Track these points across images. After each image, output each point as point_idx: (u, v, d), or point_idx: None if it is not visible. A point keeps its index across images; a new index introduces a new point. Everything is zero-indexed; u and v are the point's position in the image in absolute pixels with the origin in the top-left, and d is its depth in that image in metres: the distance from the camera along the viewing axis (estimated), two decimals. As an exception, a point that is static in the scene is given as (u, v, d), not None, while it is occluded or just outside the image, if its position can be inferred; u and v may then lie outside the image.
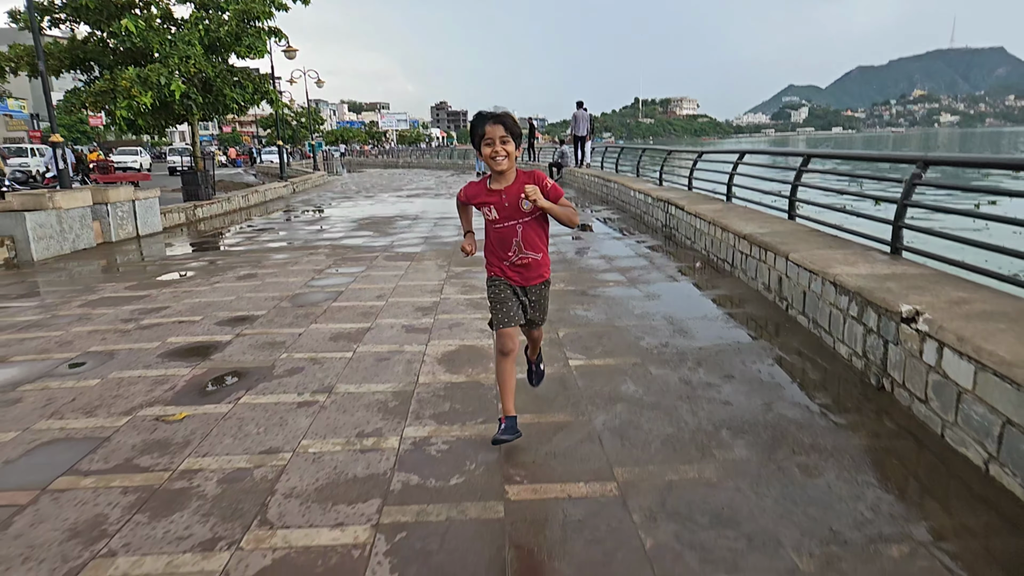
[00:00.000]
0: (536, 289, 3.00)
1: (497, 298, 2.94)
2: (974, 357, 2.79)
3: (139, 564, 2.19)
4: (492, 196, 2.84)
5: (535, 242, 2.91)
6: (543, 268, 2.99)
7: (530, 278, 2.95)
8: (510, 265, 2.91)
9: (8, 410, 3.54)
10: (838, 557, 2.19)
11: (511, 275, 2.93)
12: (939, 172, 15.91)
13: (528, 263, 2.91)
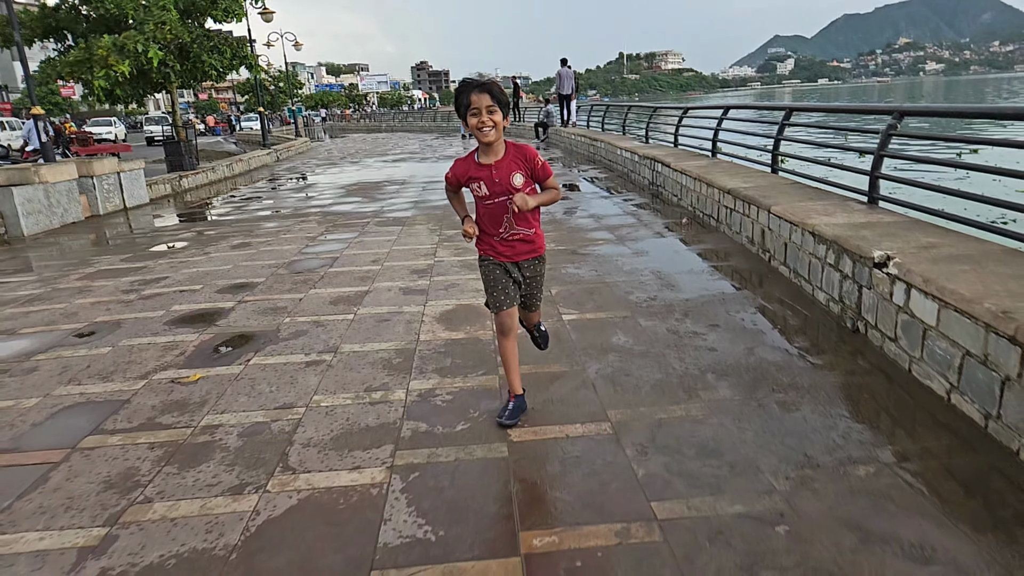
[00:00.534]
0: (529, 265, 2.89)
1: (488, 280, 2.88)
2: (938, 296, 3.00)
3: (175, 508, 2.39)
4: (482, 171, 2.72)
5: (526, 216, 2.80)
6: (536, 243, 2.88)
7: (521, 252, 2.85)
8: (500, 240, 2.82)
9: (26, 378, 3.70)
10: (811, 478, 2.42)
11: (502, 250, 2.83)
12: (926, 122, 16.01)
13: (520, 238, 2.82)
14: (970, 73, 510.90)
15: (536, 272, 2.94)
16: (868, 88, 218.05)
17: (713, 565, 1.98)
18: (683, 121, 10.81)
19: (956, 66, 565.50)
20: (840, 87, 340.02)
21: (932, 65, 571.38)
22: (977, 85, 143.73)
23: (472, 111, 2.60)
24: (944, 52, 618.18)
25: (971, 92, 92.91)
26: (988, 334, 2.65)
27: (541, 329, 3.36)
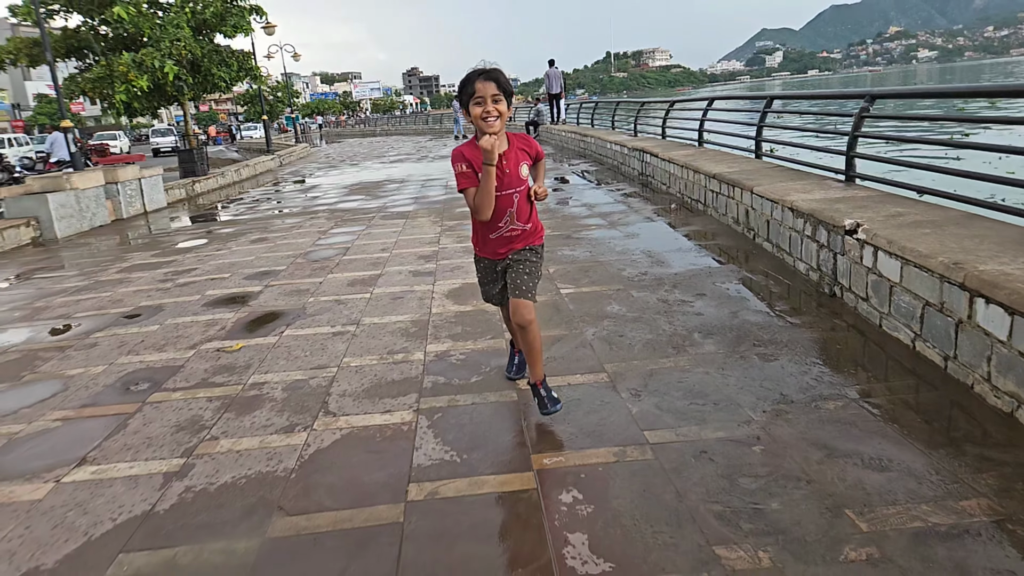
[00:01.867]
0: (521, 252, 2.77)
1: (480, 279, 2.98)
2: (900, 255, 3.40)
3: (238, 443, 2.79)
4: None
5: (526, 210, 2.72)
6: (532, 237, 2.79)
7: (517, 247, 2.77)
8: (497, 236, 2.71)
9: (90, 351, 4.12)
10: (785, 411, 2.81)
11: (497, 247, 2.76)
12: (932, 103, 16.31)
13: (517, 235, 2.73)
14: (964, 59, 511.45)
15: (523, 257, 2.76)
16: (860, 78, 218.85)
17: (697, 475, 2.37)
18: (670, 114, 11.22)
19: (950, 53, 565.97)
20: (831, 77, 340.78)
21: (925, 53, 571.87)
22: (973, 70, 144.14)
23: (476, 99, 2.46)
24: (937, 39, 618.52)
25: (967, 76, 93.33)
26: (943, 284, 3.04)
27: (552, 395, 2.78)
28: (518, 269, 2.75)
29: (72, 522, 2.32)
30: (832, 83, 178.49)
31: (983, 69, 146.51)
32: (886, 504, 2.10)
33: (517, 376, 3.15)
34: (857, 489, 2.20)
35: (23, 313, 5.26)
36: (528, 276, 2.74)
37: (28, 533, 2.27)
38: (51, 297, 5.68)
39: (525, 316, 2.68)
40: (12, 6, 13.01)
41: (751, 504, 2.16)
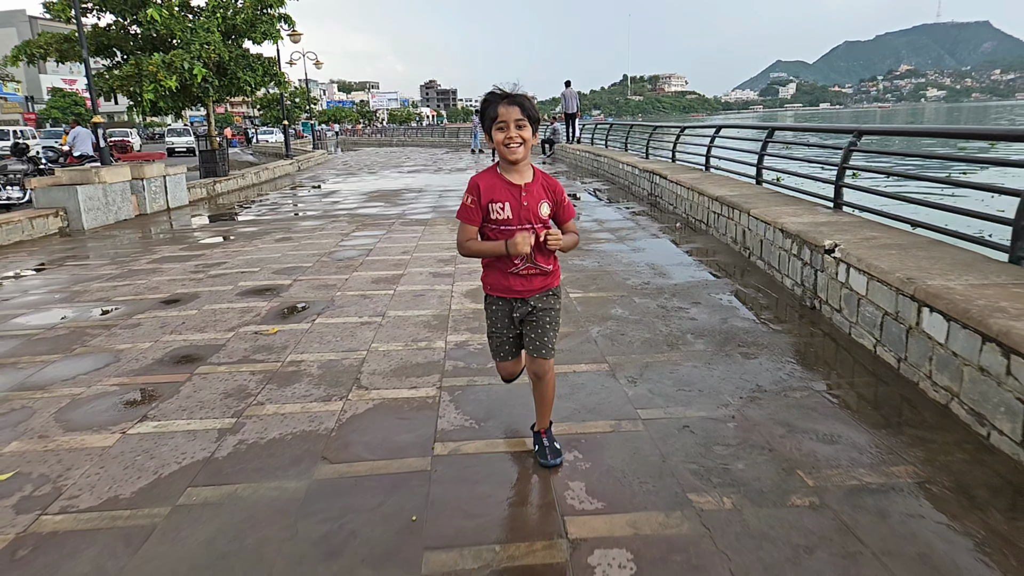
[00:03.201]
0: (540, 298, 2.55)
1: (491, 327, 2.66)
2: (867, 271, 3.83)
3: (282, 408, 3.21)
4: (510, 191, 2.41)
5: (546, 253, 2.52)
6: (551, 278, 2.58)
7: (535, 287, 2.54)
8: (515, 274, 2.51)
9: (135, 330, 4.55)
10: (758, 397, 3.23)
11: (514, 285, 2.52)
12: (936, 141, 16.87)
13: (537, 272, 2.52)
14: (971, 100, 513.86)
15: (547, 304, 2.56)
16: (870, 113, 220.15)
17: (679, 443, 2.79)
18: (680, 139, 11.70)
19: (957, 93, 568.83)
20: (842, 111, 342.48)
21: (933, 92, 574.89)
22: (979, 111, 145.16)
23: (499, 125, 2.33)
24: (946, 79, 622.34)
25: (973, 117, 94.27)
26: (898, 296, 3.48)
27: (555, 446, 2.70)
28: (542, 323, 2.54)
29: (142, 464, 2.74)
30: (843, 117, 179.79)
31: (988, 110, 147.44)
32: (831, 467, 2.52)
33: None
34: (809, 456, 2.61)
35: (63, 296, 5.70)
36: (551, 333, 2.55)
37: (103, 471, 2.70)
38: (87, 283, 6.13)
39: (544, 370, 2.57)
40: (47, 2, 13.60)
41: (721, 465, 2.57)
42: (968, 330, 2.88)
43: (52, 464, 2.73)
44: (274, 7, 15.32)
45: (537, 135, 2.43)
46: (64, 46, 13.43)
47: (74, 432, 3.03)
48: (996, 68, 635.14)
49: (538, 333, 2.54)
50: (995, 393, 2.69)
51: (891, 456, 2.61)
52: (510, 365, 2.73)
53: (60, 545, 2.19)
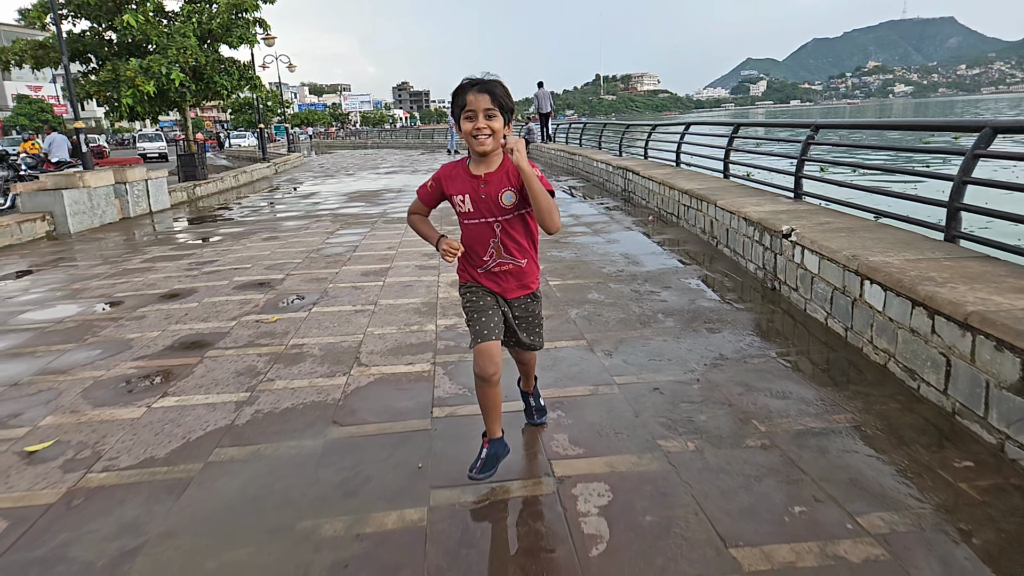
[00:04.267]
0: (520, 303, 2.47)
1: (474, 306, 2.41)
2: (818, 251, 4.23)
3: (291, 383, 3.52)
4: (470, 182, 2.29)
5: (518, 244, 2.36)
6: (527, 278, 2.43)
7: (509, 288, 2.41)
8: (485, 272, 2.39)
9: (141, 321, 4.81)
10: (720, 364, 3.60)
11: (486, 283, 2.41)
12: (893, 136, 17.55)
13: (508, 270, 2.38)
14: (938, 95, 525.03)
15: (528, 311, 2.49)
16: (839, 109, 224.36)
17: (650, 401, 3.15)
18: (652, 137, 12.14)
19: (925, 88, 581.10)
20: (812, 108, 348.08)
21: (901, 87, 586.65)
22: (946, 106, 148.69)
23: (467, 114, 2.18)
24: (913, 75, 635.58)
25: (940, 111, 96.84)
26: (845, 272, 3.88)
27: (541, 403, 2.92)
28: (527, 327, 2.54)
29: (170, 431, 3.04)
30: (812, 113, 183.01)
31: (955, 105, 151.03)
32: (781, 417, 2.90)
33: (480, 476, 2.39)
34: (763, 409, 2.99)
35: (64, 293, 5.92)
36: (537, 331, 2.58)
37: (136, 437, 2.99)
38: (86, 281, 6.35)
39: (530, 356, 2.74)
40: (23, 10, 13.66)
41: (686, 417, 2.94)
42: (901, 297, 3.28)
43: (88, 433, 3.01)
44: (249, 11, 15.49)
45: (510, 127, 2.25)
46: (39, 52, 13.51)
47: (102, 407, 3.31)
48: (961, 63, 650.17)
49: (525, 334, 2.54)
50: (923, 350, 3.09)
51: (833, 407, 2.99)
52: (493, 346, 2.33)
53: (109, 496, 2.48)
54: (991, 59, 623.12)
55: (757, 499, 2.31)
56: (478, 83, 2.19)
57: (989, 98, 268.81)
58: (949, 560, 1.98)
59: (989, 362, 2.64)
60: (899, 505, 2.25)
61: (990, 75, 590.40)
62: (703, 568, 1.97)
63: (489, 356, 2.33)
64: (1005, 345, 2.55)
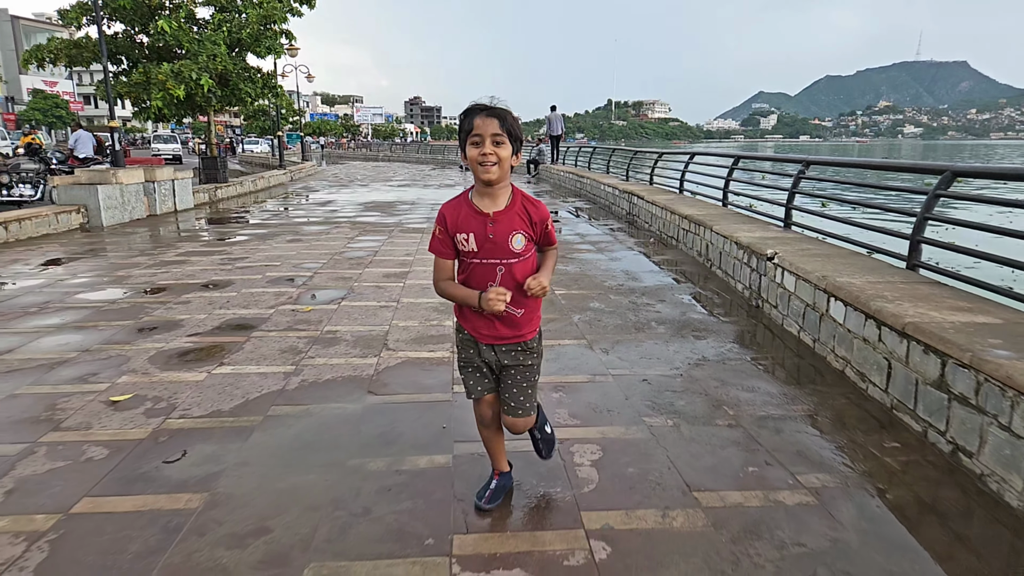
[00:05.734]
0: (508, 351, 2.26)
1: (461, 360, 2.37)
2: (796, 272, 4.79)
3: (329, 360, 4.06)
4: (475, 220, 2.14)
5: (519, 291, 2.18)
6: (524, 328, 2.26)
7: (501, 335, 2.24)
8: (476, 314, 2.23)
9: (187, 306, 5.37)
10: (702, 363, 4.14)
11: (479, 326, 2.25)
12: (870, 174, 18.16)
13: (504, 317, 2.21)
14: (947, 138, 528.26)
15: (517, 361, 2.27)
16: (848, 147, 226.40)
17: (639, 389, 3.68)
18: (658, 163, 12.75)
19: (934, 130, 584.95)
20: (821, 144, 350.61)
21: (911, 128, 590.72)
22: (953, 149, 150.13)
23: (474, 139, 2.08)
24: (923, 116, 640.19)
25: (946, 155, 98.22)
26: (816, 290, 4.43)
27: (547, 431, 2.61)
28: (513, 383, 2.29)
29: (231, 392, 3.58)
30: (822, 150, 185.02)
31: (963, 148, 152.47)
32: (748, 405, 3.44)
33: (488, 506, 2.44)
34: (733, 399, 3.53)
35: (110, 279, 6.48)
36: (525, 390, 2.30)
37: (202, 396, 3.53)
38: (127, 269, 6.92)
39: (522, 429, 2.38)
40: (61, 10, 14.38)
41: (668, 402, 3.48)
42: (858, 311, 3.82)
43: (160, 390, 3.56)
44: (278, 23, 16.24)
45: (520, 156, 2.15)
46: (73, 52, 14.19)
47: (169, 371, 3.86)
48: (972, 108, 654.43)
49: (510, 392, 2.29)
50: (872, 356, 3.63)
51: (793, 401, 3.53)
52: (486, 405, 2.37)
53: (188, 436, 3.02)
54: (1001, 105, 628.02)
55: (719, 461, 2.84)
56: (487, 108, 2.09)
57: (998, 143, 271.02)
58: (863, 507, 2.51)
59: (918, 363, 3.19)
60: (832, 470, 2.78)
61: (999, 121, 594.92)
62: (670, 502, 2.50)
63: (482, 409, 2.38)
64: (931, 349, 3.10)
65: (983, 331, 3.14)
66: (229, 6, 15.37)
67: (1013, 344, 2.94)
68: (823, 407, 3.46)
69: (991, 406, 2.71)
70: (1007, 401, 2.62)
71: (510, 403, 2.30)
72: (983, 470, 2.74)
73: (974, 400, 2.82)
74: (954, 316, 3.39)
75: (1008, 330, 3.16)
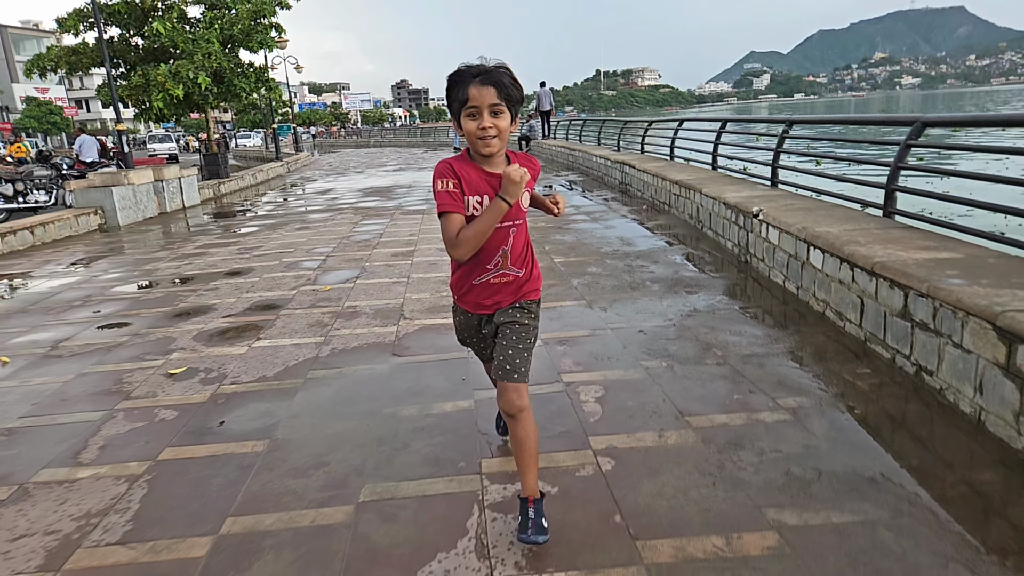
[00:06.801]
0: (507, 310, 2.18)
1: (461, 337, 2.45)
2: (779, 226, 5.15)
3: (354, 330, 4.46)
4: (488, 182, 2.02)
5: (524, 252, 2.17)
6: (525, 286, 2.19)
7: (504, 300, 2.17)
8: (483, 283, 2.14)
9: (216, 291, 5.77)
10: (692, 314, 4.53)
11: (482, 299, 2.18)
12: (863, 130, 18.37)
13: (509, 280, 2.15)
14: (946, 87, 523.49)
15: (513, 318, 2.16)
16: (844, 102, 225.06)
17: (636, 338, 4.07)
18: (648, 132, 13.05)
19: (932, 80, 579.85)
20: (816, 102, 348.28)
21: (908, 79, 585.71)
22: (953, 98, 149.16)
23: (469, 110, 1.91)
24: (920, 66, 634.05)
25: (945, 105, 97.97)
26: (797, 241, 4.80)
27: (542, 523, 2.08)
28: (507, 339, 2.13)
29: (272, 361, 3.97)
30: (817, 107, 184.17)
31: (963, 96, 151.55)
32: (735, 346, 3.84)
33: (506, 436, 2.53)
34: (722, 341, 3.93)
35: (139, 272, 6.88)
36: (519, 350, 2.13)
37: (247, 365, 3.92)
38: (152, 263, 7.31)
39: (515, 402, 2.09)
40: (59, 18, 14.63)
41: (662, 348, 3.87)
42: (834, 256, 4.20)
43: (209, 363, 3.96)
44: (268, 17, 16.45)
45: (517, 122, 2.00)
46: (72, 59, 14.47)
47: (213, 347, 4.26)
48: (971, 54, 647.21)
49: (499, 351, 2.13)
50: (847, 296, 4.01)
51: (776, 341, 3.93)
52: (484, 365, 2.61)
53: (240, 398, 3.43)
54: (1002, 49, 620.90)
55: (708, 392, 3.24)
56: (481, 72, 1.89)
57: (1000, 89, 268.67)
58: (834, 421, 2.91)
59: (886, 297, 3.57)
60: (809, 393, 3.18)
61: (1000, 65, 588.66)
62: (665, 426, 2.90)
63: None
64: (895, 283, 3.48)
65: (944, 265, 3.52)
66: (219, 3, 15.58)
67: (968, 274, 3.32)
68: (804, 344, 3.86)
69: (946, 328, 3.10)
70: (958, 322, 3.00)
71: (505, 365, 2.10)
72: (942, 385, 3.13)
73: (932, 324, 3.20)
74: (919, 254, 3.76)
75: (967, 263, 3.54)
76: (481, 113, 1.89)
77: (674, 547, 2.12)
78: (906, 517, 2.23)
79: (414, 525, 2.28)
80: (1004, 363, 2.69)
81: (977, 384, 2.86)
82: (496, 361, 2.15)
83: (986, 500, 2.32)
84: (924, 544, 2.09)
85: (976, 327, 2.87)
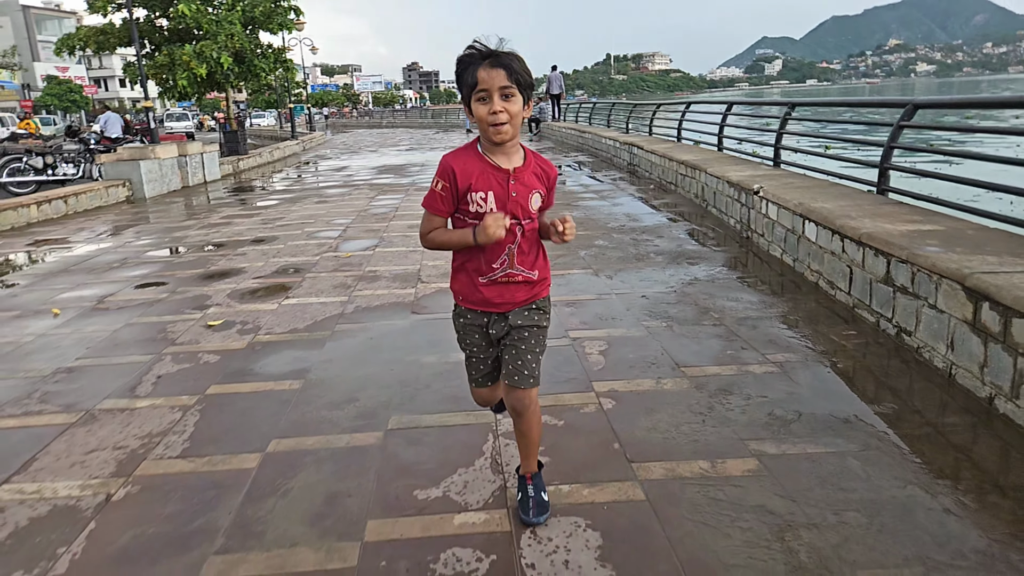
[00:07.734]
0: (520, 313, 2.04)
1: (463, 346, 2.20)
2: (777, 203, 5.42)
3: (375, 292, 4.78)
4: (495, 176, 1.93)
5: (533, 253, 2.05)
6: (538, 286, 2.07)
7: (516, 299, 2.03)
8: (490, 282, 2.00)
9: (244, 256, 6.10)
10: (693, 282, 4.81)
11: (490, 296, 2.02)
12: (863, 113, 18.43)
13: (521, 279, 2.02)
14: (962, 74, 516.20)
15: (532, 321, 2.06)
16: (858, 89, 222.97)
17: (639, 303, 4.37)
18: (656, 115, 13.26)
19: (948, 67, 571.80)
20: (829, 88, 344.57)
21: (923, 67, 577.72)
22: (969, 86, 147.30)
23: (479, 94, 1.83)
24: (936, 54, 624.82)
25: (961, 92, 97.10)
26: (794, 216, 5.07)
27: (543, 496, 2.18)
28: (523, 343, 2.04)
29: (301, 315, 4.30)
30: (831, 93, 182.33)
31: (979, 85, 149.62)
32: (731, 311, 4.13)
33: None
34: (719, 306, 4.22)
35: (169, 239, 7.21)
36: (537, 355, 2.06)
37: (278, 319, 4.25)
38: (182, 231, 7.65)
39: (524, 401, 2.06)
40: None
41: (663, 311, 4.17)
42: (827, 230, 4.47)
43: (243, 317, 4.29)
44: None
45: (529, 106, 1.91)
46: (100, 38, 14.80)
47: (246, 304, 4.60)
48: (988, 41, 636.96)
49: (514, 355, 2.03)
50: (838, 266, 4.29)
51: (771, 306, 4.22)
52: (486, 392, 2.26)
53: (275, 346, 3.75)
54: (1020, 37, 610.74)
55: (703, 348, 3.54)
56: (490, 56, 1.82)
57: (1018, 77, 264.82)
58: (817, 373, 3.20)
59: (871, 265, 3.85)
60: (796, 350, 3.47)
61: (1018, 53, 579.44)
62: (662, 374, 3.21)
63: (481, 396, 2.30)
64: (880, 252, 3.75)
65: (925, 236, 3.78)
66: (240, -17, 15.88)
67: (945, 243, 3.59)
68: (796, 310, 4.14)
69: (922, 291, 3.38)
70: (933, 284, 3.28)
71: (523, 370, 2.01)
72: (919, 344, 3.42)
73: (911, 288, 3.48)
74: (904, 227, 4.03)
75: (947, 234, 3.81)
76: (491, 96, 1.81)
77: (665, 468, 2.43)
78: (873, 450, 2.52)
79: (437, 447, 2.61)
80: (971, 320, 2.98)
81: (949, 341, 3.15)
82: (510, 366, 2.03)
83: (947, 438, 2.61)
84: (887, 470, 2.39)
85: (948, 288, 3.15)
